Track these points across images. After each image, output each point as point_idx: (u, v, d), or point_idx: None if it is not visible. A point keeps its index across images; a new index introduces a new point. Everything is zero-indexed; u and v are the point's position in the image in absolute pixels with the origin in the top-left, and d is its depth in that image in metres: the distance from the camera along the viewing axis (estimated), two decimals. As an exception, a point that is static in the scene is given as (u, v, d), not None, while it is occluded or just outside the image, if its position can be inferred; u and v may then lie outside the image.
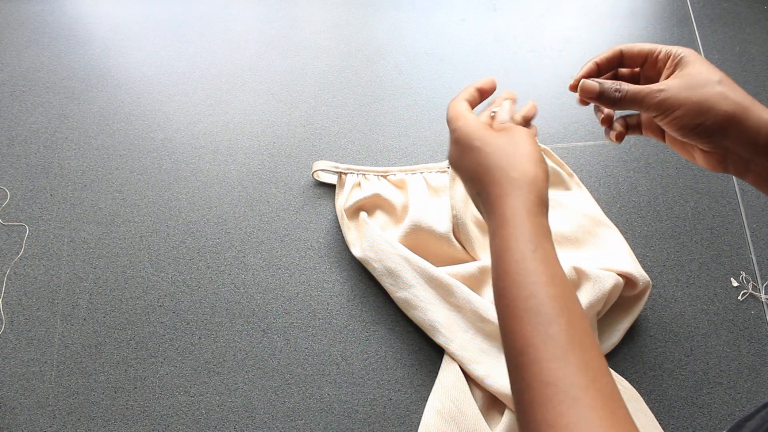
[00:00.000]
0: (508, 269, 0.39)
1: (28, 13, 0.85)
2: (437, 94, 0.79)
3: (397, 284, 0.63)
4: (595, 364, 0.35)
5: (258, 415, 0.60)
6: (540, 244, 0.39)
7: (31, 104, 0.78)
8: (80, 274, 0.67)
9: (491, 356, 0.59)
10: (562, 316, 0.36)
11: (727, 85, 0.42)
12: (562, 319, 0.36)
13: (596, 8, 0.87)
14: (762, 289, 0.66)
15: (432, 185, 0.69)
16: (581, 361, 0.34)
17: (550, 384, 0.34)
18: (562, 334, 0.35)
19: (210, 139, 0.75)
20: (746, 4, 0.88)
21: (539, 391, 0.34)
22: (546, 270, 0.38)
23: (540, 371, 0.34)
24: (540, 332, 0.36)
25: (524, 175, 0.42)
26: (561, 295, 0.37)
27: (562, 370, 0.34)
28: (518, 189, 0.41)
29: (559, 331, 0.35)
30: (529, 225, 0.40)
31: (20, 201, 0.71)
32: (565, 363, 0.34)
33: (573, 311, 0.37)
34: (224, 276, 0.67)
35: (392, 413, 0.60)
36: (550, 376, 0.34)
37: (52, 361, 0.62)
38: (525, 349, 0.36)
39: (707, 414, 0.60)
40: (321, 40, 0.84)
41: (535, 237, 0.39)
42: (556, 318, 0.36)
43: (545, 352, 0.35)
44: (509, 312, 0.38)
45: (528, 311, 0.37)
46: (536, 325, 0.36)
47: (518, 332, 0.37)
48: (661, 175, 0.73)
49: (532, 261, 0.38)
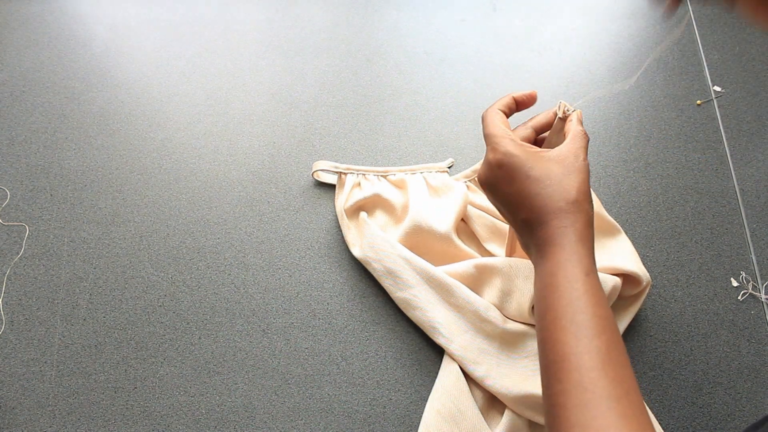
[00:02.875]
0: (559, 287, 0.42)
1: (28, 13, 0.85)
2: (437, 94, 0.79)
3: (397, 284, 0.63)
4: (629, 382, 0.38)
5: (258, 415, 0.60)
6: (591, 272, 0.42)
7: (31, 104, 0.78)
8: (80, 274, 0.67)
9: (491, 356, 0.59)
10: (604, 334, 0.39)
11: None
12: (604, 336, 0.39)
13: (596, 8, 0.87)
14: (762, 289, 0.66)
15: (432, 185, 0.69)
16: (618, 375, 0.37)
17: (588, 390, 0.36)
18: (603, 349, 0.38)
19: (210, 139, 0.75)
20: (746, 4, 0.88)
21: (576, 396, 0.37)
22: (595, 293, 0.41)
23: (580, 378, 0.37)
24: (584, 344, 0.38)
25: (581, 211, 0.43)
26: (605, 317, 0.40)
27: (601, 380, 0.37)
28: (576, 222, 0.43)
29: (601, 345, 0.38)
30: (583, 253, 0.42)
31: (20, 201, 0.71)
32: (604, 374, 0.37)
33: (614, 332, 0.40)
34: (224, 276, 0.67)
35: (392, 413, 0.60)
36: (589, 383, 0.37)
37: (52, 361, 0.62)
38: (568, 357, 0.39)
39: (707, 414, 0.60)
40: (321, 40, 0.84)
41: (587, 265, 0.42)
42: (600, 334, 0.39)
43: (588, 362, 0.38)
44: (557, 324, 0.40)
45: (575, 324, 0.40)
46: (581, 337, 0.39)
47: (563, 341, 0.39)
48: (661, 175, 0.73)
49: (583, 284, 0.41)
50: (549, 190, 0.43)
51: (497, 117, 0.48)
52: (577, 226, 0.43)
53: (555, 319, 0.41)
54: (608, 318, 0.40)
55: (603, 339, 0.39)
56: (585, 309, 0.40)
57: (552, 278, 0.42)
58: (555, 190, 0.43)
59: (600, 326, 0.39)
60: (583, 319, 0.39)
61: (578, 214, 0.43)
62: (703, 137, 0.76)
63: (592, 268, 0.42)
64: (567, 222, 0.43)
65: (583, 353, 0.38)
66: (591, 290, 0.41)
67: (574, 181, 0.44)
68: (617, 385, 0.37)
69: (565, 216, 0.43)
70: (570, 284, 0.41)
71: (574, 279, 0.41)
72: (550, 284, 0.42)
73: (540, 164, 0.44)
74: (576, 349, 0.38)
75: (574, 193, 0.43)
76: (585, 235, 0.43)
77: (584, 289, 0.41)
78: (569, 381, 0.37)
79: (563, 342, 0.39)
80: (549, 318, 0.41)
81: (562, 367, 0.38)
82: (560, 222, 0.43)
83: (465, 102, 0.78)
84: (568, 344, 0.39)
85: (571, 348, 0.39)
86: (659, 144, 0.75)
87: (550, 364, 0.40)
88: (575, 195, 0.43)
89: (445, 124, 0.76)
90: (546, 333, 0.41)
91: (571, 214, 0.43)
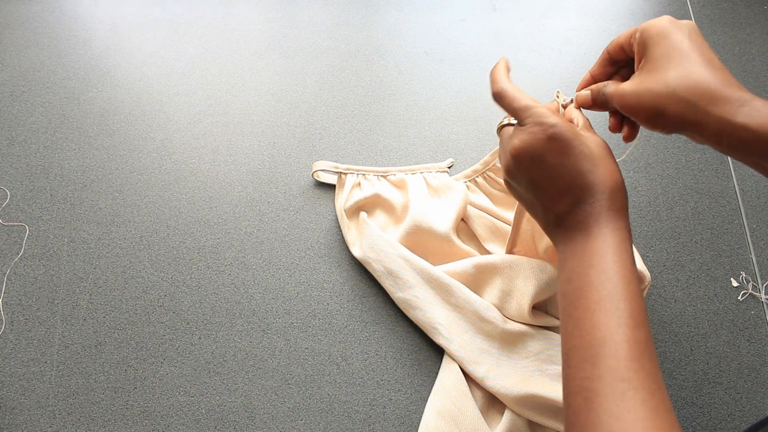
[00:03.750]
0: (607, 269, 0.40)
1: (28, 13, 0.85)
2: (437, 94, 0.79)
3: (397, 285, 0.63)
4: (660, 377, 0.37)
5: (258, 415, 0.60)
6: (634, 263, 0.41)
7: (31, 104, 0.78)
8: (80, 274, 0.67)
9: (491, 357, 0.59)
10: (644, 326, 0.38)
11: (681, 77, 0.39)
12: (644, 329, 0.38)
13: (596, 8, 0.87)
14: (762, 289, 0.66)
15: (432, 185, 0.69)
16: (653, 369, 0.36)
17: (624, 380, 0.35)
18: (643, 341, 0.37)
19: (210, 139, 0.75)
20: (746, 4, 0.88)
21: (611, 384, 0.35)
22: (637, 287, 0.40)
23: (617, 366, 0.36)
24: (625, 332, 0.37)
25: (624, 197, 0.42)
26: (645, 311, 0.39)
27: (639, 372, 0.36)
28: (623, 209, 0.42)
29: (641, 337, 0.37)
30: (629, 243, 0.41)
31: (20, 201, 0.71)
32: (641, 366, 0.36)
33: (649, 327, 0.39)
34: (224, 276, 0.67)
35: (392, 413, 0.60)
36: (626, 372, 0.35)
37: (52, 361, 0.62)
38: (607, 343, 0.37)
39: (707, 414, 0.60)
40: (321, 40, 0.84)
41: (631, 257, 0.41)
42: (641, 326, 0.38)
43: (627, 351, 0.36)
44: (601, 305, 0.39)
45: (619, 310, 0.38)
46: (622, 325, 0.37)
47: (604, 324, 0.38)
48: (661, 175, 0.73)
49: (630, 272, 0.40)
50: (600, 170, 0.42)
51: (516, 90, 0.45)
52: (623, 213, 0.42)
53: (599, 300, 0.39)
54: (646, 312, 0.40)
55: (643, 331, 0.38)
56: (631, 298, 0.38)
57: (600, 258, 0.40)
58: (605, 171, 0.42)
59: (642, 318, 0.38)
60: (627, 308, 0.38)
61: (623, 201, 0.42)
62: (703, 137, 0.76)
63: (633, 260, 0.41)
64: (616, 205, 0.42)
65: (623, 341, 0.37)
66: (635, 281, 0.40)
67: (614, 164, 0.43)
68: (652, 379, 0.36)
69: (615, 199, 0.42)
70: (620, 270, 0.39)
71: (621, 266, 0.40)
72: (596, 265, 0.40)
73: (586, 142, 0.43)
74: (617, 336, 0.37)
75: (619, 176, 0.43)
76: (628, 226, 0.42)
77: (631, 277, 0.39)
78: (605, 367, 0.36)
79: (604, 326, 0.38)
80: (592, 297, 0.39)
81: (600, 352, 0.37)
82: (611, 204, 0.41)
83: (465, 102, 0.78)
84: (610, 329, 0.37)
85: (612, 334, 0.37)
86: (659, 144, 0.75)
87: (585, 346, 0.38)
88: (621, 179, 0.43)
89: (445, 124, 0.76)
90: (585, 313, 0.39)
91: (617, 198, 0.42)
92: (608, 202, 0.41)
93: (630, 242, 0.42)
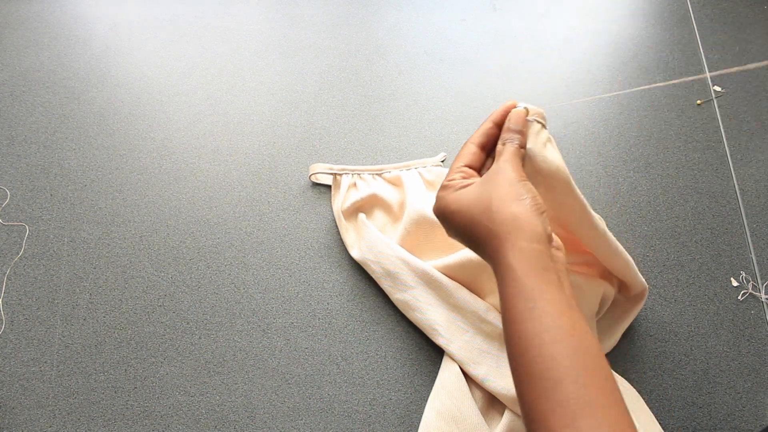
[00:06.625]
0: (511, 332, 0.37)
1: (28, 13, 0.85)
2: (437, 94, 0.79)
3: (396, 286, 0.63)
4: (613, 424, 0.33)
5: (258, 415, 0.60)
6: (538, 298, 0.36)
7: (31, 104, 0.78)
8: (80, 274, 0.67)
9: (491, 357, 0.59)
10: (567, 377, 0.34)
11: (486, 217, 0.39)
12: (568, 381, 0.34)
13: (596, 8, 0.87)
14: (762, 289, 0.66)
15: (428, 179, 0.69)
16: (594, 425, 0.32)
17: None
18: (571, 399, 0.33)
19: (210, 139, 0.75)
20: (746, 4, 0.88)
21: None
22: (547, 327, 0.36)
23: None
24: (548, 399, 0.34)
25: (504, 224, 0.39)
26: (564, 354, 0.35)
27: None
28: (504, 240, 0.38)
29: (566, 396, 0.33)
30: (524, 279, 0.37)
31: (20, 201, 0.71)
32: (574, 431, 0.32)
33: (582, 366, 0.34)
34: (224, 276, 0.67)
35: (392, 413, 0.60)
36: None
37: (52, 361, 0.62)
38: (535, 417, 0.34)
39: (707, 414, 0.60)
40: (321, 39, 0.84)
41: (530, 292, 0.37)
42: (561, 380, 0.34)
43: (554, 422, 0.33)
44: (517, 378, 0.36)
45: (532, 376, 0.35)
46: (543, 390, 0.34)
47: (526, 397, 0.35)
48: (661, 175, 0.73)
49: (530, 321, 0.36)
50: (477, 217, 0.40)
51: (462, 158, 0.45)
52: (513, 245, 0.38)
53: (515, 371, 0.36)
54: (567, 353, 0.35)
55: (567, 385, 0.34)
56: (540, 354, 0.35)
57: (504, 320, 0.38)
58: (485, 216, 0.40)
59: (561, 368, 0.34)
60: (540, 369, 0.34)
61: (513, 231, 0.38)
62: (703, 137, 0.76)
63: (537, 293, 0.37)
64: (504, 245, 0.38)
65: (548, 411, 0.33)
66: (538, 327, 0.36)
67: (499, 194, 0.40)
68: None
69: (500, 239, 0.38)
70: (519, 326, 0.36)
71: (520, 318, 0.36)
72: (504, 328, 0.38)
73: (459, 199, 0.42)
74: (542, 407, 0.34)
75: (502, 207, 0.39)
76: (526, 251, 0.37)
77: (530, 328, 0.36)
78: None
79: (527, 398, 0.35)
80: (512, 368, 0.37)
81: (534, 428, 0.34)
82: (495, 247, 0.39)
83: (465, 102, 0.78)
84: (532, 402, 0.34)
85: (537, 407, 0.34)
86: (659, 144, 0.75)
87: (525, 423, 0.35)
88: (503, 211, 0.39)
89: (445, 124, 0.76)
90: (516, 385, 0.37)
91: (505, 233, 0.38)
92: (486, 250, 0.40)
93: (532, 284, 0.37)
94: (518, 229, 0.38)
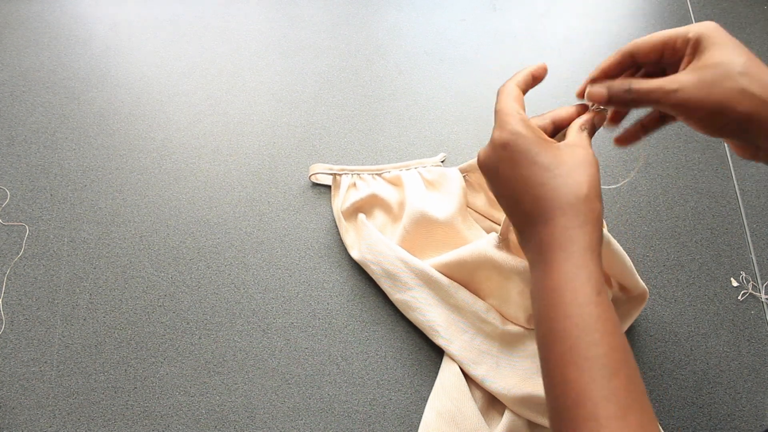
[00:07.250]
0: (567, 309, 0.36)
1: (28, 13, 0.85)
2: (437, 94, 0.79)
3: (395, 286, 0.63)
4: (648, 415, 0.33)
5: (258, 415, 0.60)
6: (602, 290, 0.36)
7: (31, 104, 0.78)
8: (80, 274, 0.67)
9: (491, 357, 0.59)
10: (622, 370, 0.34)
11: (750, 75, 0.37)
12: (623, 373, 0.34)
13: (596, 8, 0.87)
14: (762, 289, 0.66)
15: (427, 179, 0.69)
16: (639, 424, 0.33)
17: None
18: (622, 391, 0.33)
19: (210, 139, 0.75)
20: (746, 4, 0.88)
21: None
22: (608, 318, 0.35)
23: (597, 429, 0.33)
24: (602, 386, 0.33)
25: (592, 210, 0.37)
26: (621, 348, 0.35)
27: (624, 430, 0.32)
28: (586, 224, 0.37)
29: (620, 385, 0.33)
30: (593, 266, 0.36)
31: (20, 201, 0.71)
32: (624, 424, 0.32)
33: (631, 364, 0.35)
34: (224, 276, 0.67)
35: (392, 413, 0.60)
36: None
37: (52, 361, 0.62)
38: (583, 402, 0.33)
39: (707, 414, 0.60)
40: (321, 39, 0.84)
41: (598, 281, 0.36)
42: (617, 372, 0.34)
43: (605, 410, 0.33)
44: (567, 358, 0.35)
45: (589, 360, 0.34)
46: (597, 378, 0.34)
47: (576, 382, 0.34)
48: (661, 175, 0.73)
49: (596, 306, 0.35)
50: (558, 180, 0.38)
51: (512, 93, 0.41)
52: (586, 229, 0.37)
53: (564, 353, 0.35)
54: (624, 348, 0.35)
55: (621, 377, 0.33)
56: (600, 341, 0.34)
57: (558, 296, 0.36)
58: (564, 181, 0.37)
59: (617, 361, 0.34)
60: (598, 354, 0.34)
61: (589, 213, 0.37)
62: (703, 137, 0.76)
63: (602, 283, 0.36)
64: (575, 222, 0.37)
65: (600, 399, 0.33)
66: (604, 314, 0.35)
67: (585, 175, 0.38)
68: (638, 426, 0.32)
69: (574, 215, 0.37)
70: (580, 308, 0.35)
71: (584, 301, 0.35)
72: (555, 304, 0.36)
73: (549, 151, 0.39)
74: (592, 393, 0.33)
75: (585, 187, 0.37)
76: (594, 241, 0.37)
77: (597, 313, 0.35)
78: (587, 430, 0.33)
79: (576, 383, 0.34)
80: (556, 349, 0.35)
81: (577, 414, 0.33)
82: (568, 221, 0.37)
83: (465, 102, 0.78)
84: (582, 386, 0.33)
85: (586, 393, 0.33)
86: (659, 144, 0.75)
87: (562, 407, 0.34)
88: (586, 190, 0.37)
89: (445, 124, 0.76)
90: (552, 367, 0.36)
91: (581, 213, 0.37)
92: (568, 219, 0.37)
93: (595, 264, 0.37)
94: (598, 221, 0.38)
